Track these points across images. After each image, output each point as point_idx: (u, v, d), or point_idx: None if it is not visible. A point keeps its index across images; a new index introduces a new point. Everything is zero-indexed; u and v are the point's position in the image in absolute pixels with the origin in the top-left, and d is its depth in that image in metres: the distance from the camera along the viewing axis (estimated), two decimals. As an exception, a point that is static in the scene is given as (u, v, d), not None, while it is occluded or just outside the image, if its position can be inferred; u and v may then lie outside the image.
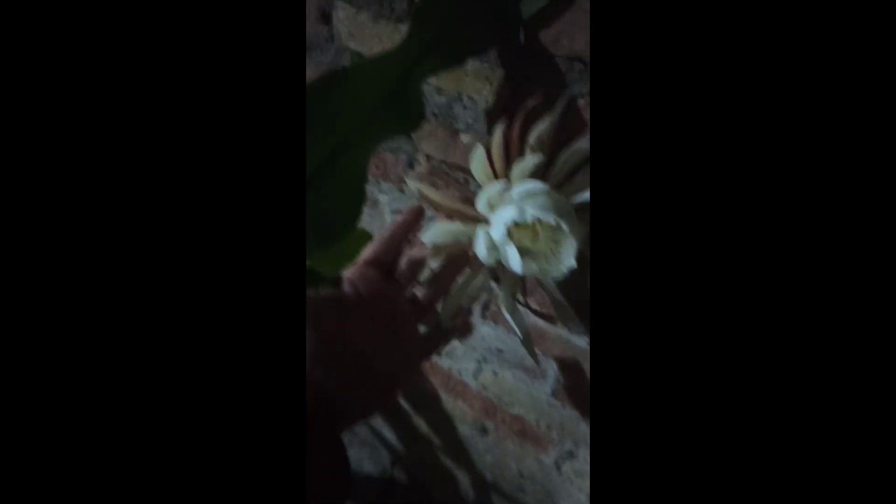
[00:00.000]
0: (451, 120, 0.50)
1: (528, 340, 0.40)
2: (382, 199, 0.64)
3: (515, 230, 0.34)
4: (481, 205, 0.34)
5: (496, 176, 0.36)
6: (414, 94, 0.42)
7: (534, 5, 0.37)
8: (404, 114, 0.43)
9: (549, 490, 0.79)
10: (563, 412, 0.66)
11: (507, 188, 0.34)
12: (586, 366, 0.58)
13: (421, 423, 0.96)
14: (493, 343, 0.67)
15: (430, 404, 0.89)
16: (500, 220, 0.32)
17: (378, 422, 1.10)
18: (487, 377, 0.73)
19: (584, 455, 0.68)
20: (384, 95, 0.39)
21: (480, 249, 0.34)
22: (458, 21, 0.38)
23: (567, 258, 0.32)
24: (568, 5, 0.37)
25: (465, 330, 0.48)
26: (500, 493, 0.90)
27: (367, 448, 1.22)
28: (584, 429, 0.65)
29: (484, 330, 0.66)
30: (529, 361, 0.63)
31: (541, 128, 0.35)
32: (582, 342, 0.56)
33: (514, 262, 0.32)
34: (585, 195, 0.36)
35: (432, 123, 0.51)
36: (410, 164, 0.58)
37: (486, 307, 0.63)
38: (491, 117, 0.47)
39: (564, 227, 0.31)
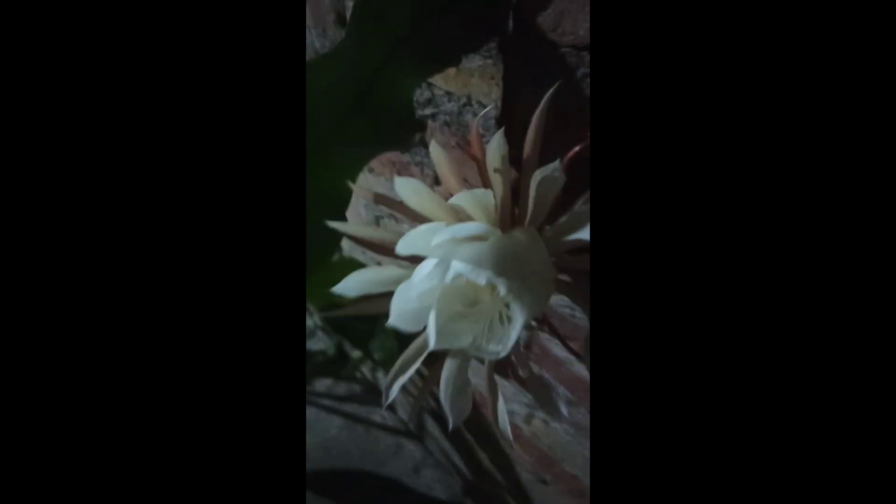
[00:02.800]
0: (462, 129, 0.42)
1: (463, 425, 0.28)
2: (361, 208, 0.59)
3: (457, 284, 0.23)
4: (405, 247, 0.24)
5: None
6: (401, 105, 0.36)
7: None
8: (391, 127, 0.37)
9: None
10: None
11: (439, 227, 0.23)
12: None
13: (483, 458, 0.89)
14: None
15: (490, 441, 0.81)
16: (418, 275, 0.23)
17: (450, 448, 1.05)
18: (538, 425, 0.63)
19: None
20: (351, 104, 0.34)
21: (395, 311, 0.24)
22: (430, 14, 0.31)
23: (510, 335, 0.22)
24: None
25: None
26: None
27: (440, 471, 1.18)
28: None
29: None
30: (577, 416, 0.52)
31: (499, 143, 0.24)
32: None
33: (430, 333, 0.22)
34: (577, 236, 0.25)
35: (445, 134, 0.45)
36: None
37: (528, 347, 0.54)
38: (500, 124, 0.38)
39: (502, 289, 0.21)
